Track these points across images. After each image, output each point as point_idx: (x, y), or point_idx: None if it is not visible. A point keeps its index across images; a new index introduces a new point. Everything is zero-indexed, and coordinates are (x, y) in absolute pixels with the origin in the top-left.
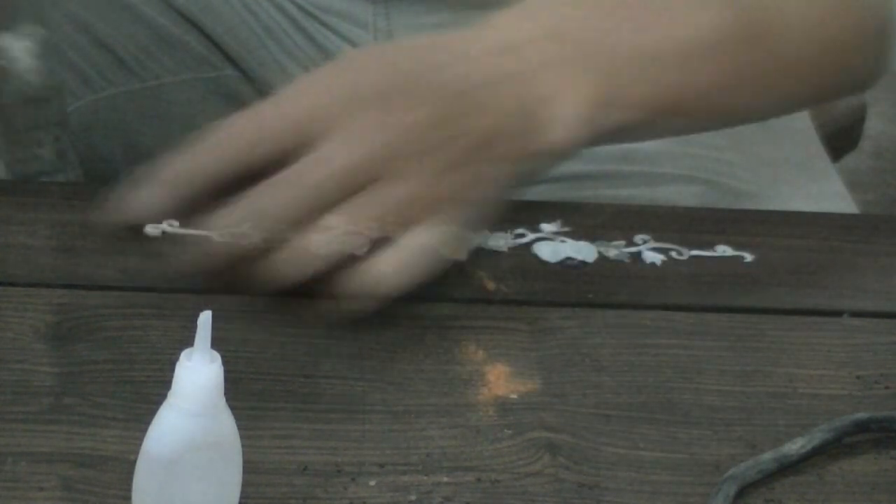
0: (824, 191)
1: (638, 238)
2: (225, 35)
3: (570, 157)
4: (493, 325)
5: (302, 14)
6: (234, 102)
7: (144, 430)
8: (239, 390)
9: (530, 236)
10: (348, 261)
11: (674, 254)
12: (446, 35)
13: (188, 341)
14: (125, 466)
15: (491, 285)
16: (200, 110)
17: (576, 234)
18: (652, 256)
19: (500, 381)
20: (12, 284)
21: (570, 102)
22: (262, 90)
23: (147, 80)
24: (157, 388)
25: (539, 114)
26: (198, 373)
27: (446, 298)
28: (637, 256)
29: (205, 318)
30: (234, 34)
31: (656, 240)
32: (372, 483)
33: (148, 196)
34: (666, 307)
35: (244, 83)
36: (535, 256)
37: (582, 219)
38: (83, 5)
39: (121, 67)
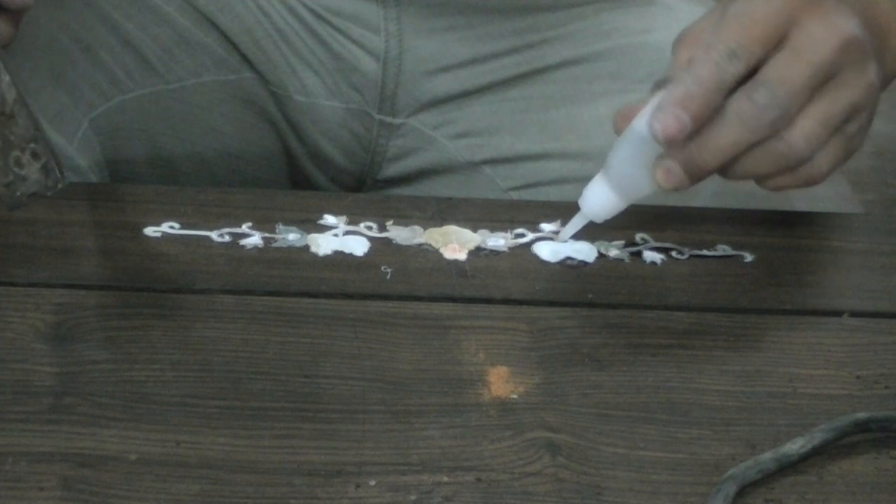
0: (825, 191)
1: (638, 238)
2: (242, 35)
3: None
4: (493, 325)
5: (313, 17)
6: (252, 106)
7: (144, 430)
8: (239, 390)
9: (530, 236)
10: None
11: (674, 254)
12: None
13: (188, 341)
14: (125, 466)
15: (490, 285)
16: (219, 114)
17: (576, 234)
18: (652, 256)
19: (500, 381)
20: (12, 284)
21: None
22: (276, 93)
23: (171, 81)
24: (157, 387)
25: None
26: None
27: (446, 298)
28: (637, 256)
29: None
30: (250, 35)
31: (656, 240)
32: (372, 483)
33: None
34: (666, 307)
35: (261, 86)
36: (535, 256)
37: None
38: (113, 5)
39: (146, 68)
